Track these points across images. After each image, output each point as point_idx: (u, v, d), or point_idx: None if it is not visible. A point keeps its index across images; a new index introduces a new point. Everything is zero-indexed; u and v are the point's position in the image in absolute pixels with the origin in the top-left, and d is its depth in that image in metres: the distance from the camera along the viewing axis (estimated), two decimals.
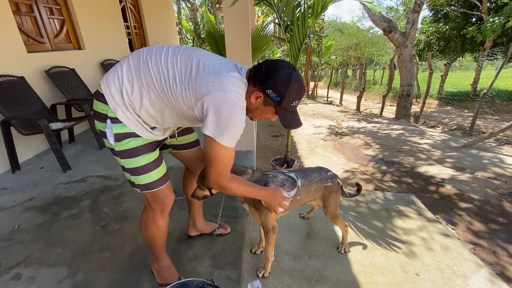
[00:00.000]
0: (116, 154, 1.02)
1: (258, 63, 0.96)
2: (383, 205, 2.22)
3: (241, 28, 2.32)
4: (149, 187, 1.06)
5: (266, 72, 0.91)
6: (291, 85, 0.91)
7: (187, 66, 0.92)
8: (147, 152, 1.03)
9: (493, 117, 7.70)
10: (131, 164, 1.02)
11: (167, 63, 0.92)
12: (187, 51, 0.96)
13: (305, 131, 4.88)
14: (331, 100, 11.09)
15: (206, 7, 9.80)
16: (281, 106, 0.95)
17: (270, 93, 0.91)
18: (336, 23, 22.64)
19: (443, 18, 12.00)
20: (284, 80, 0.90)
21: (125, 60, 0.97)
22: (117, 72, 0.96)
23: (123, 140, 0.98)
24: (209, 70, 0.90)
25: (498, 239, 1.93)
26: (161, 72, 0.92)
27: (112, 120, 0.96)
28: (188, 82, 0.90)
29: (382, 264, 1.56)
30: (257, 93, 0.94)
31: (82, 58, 3.66)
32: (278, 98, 0.92)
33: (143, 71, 0.93)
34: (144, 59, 0.94)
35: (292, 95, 0.93)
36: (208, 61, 0.93)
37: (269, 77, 0.90)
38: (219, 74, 0.89)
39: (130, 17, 5.23)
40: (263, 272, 1.43)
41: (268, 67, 0.92)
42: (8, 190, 2.20)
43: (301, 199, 1.39)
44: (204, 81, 0.88)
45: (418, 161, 3.30)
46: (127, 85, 0.94)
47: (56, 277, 1.35)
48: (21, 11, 2.89)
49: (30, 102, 2.68)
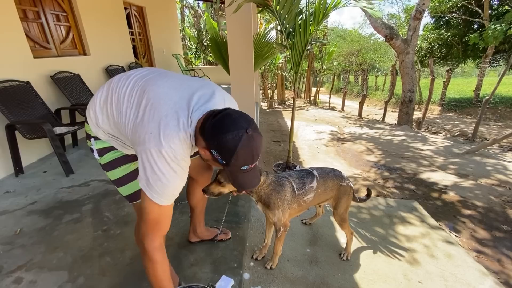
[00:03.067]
0: (102, 168, 1.09)
1: (211, 112, 0.84)
2: (386, 212, 2.21)
3: (243, 35, 2.34)
4: (134, 198, 1.08)
5: (212, 130, 0.79)
6: (238, 151, 0.78)
7: (137, 106, 0.88)
8: (127, 163, 1.08)
9: (496, 123, 7.66)
10: (114, 176, 1.07)
11: (124, 98, 0.93)
12: (144, 86, 0.91)
13: (307, 136, 4.88)
14: (333, 106, 11.10)
15: (209, 14, 9.93)
16: (229, 169, 0.84)
17: (215, 154, 0.81)
18: (338, 30, 22.83)
19: (445, 25, 12.07)
20: (230, 145, 0.77)
21: (101, 89, 1.03)
22: (94, 100, 1.02)
23: (105, 155, 1.06)
24: (153, 117, 0.83)
25: (503, 247, 1.90)
26: (119, 107, 0.93)
27: (95, 138, 1.06)
28: (133, 124, 0.87)
29: (385, 272, 1.54)
30: (203, 149, 0.85)
31: (87, 64, 3.72)
32: (223, 162, 0.82)
33: (109, 103, 0.97)
34: (111, 90, 0.98)
35: (240, 161, 0.80)
36: (158, 103, 0.85)
37: (214, 137, 0.79)
38: (160, 125, 0.82)
39: (134, 24, 5.32)
40: (271, 264, 1.48)
41: (215, 125, 0.79)
42: (11, 193, 2.22)
43: (321, 193, 1.43)
44: (144, 130, 0.83)
45: (420, 168, 3.29)
46: (97, 114, 1.00)
47: (57, 281, 1.35)
48: (28, 17, 2.96)
49: (35, 107, 2.71)
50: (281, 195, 1.31)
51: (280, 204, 1.31)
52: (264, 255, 1.57)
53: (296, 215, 1.52)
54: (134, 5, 5.28)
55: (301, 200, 1.38)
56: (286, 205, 1.33)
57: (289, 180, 1.35)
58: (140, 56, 5.68)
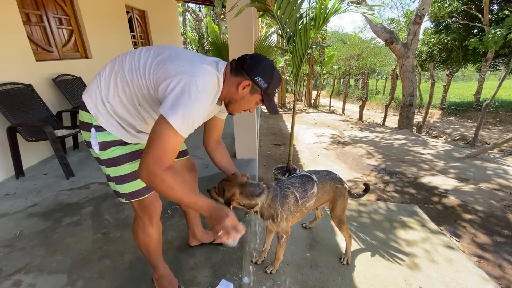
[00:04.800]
0: (102, 163, 1.02)
1: (238, 58, 0.99)
2: (386, 216, 2.20)
3: (244, 39, 2.36)
4: (134, 196, 1.06)
5: (252, 63, 0.96)
6: (275, 72, 0.98)
7: (160, 53, 0.93)
8: (132, 160, 1.03)
9: (497, 127, 7.65)
10: (117, 173, 1.02)
11: (139, 56, 0.94)
12: (160, 47, 0.97)
13: (307, 140, 4.88)
14: (334, 110, 11.12)
15: (210, 17, 10.00)
16: (267, 92, 1.00)
17: (258, 80, 0.95)
18: (338, 34, 22.94)
19: (445, 29, 12.13)
20: (270, 68, 0.97)
21: (103, 69, 1.00)
22: (96, 80, 0.99)
23: (108, 149, 0.99)
24: (182, 57, 0.91)
25: (504, 252, 1.89)
26: (133, 65, 0.93)
27: (96, 128, 0.97)
28: (158, 64, 0.89)
29: (385, 277, 1.53)
30: (245, 82, 0.96)
31: (88, 67, 3.74)
32: (266, 85, 0.97)
33: (119, 72, 0.94)
34: (119, 60, 0.97)
35: (276, 82, 1.00)
36: (183, 51, 0.96)
37: (257, 66, 0.95)
38: (192, 61, 0.90)
39: (136, 27, 5.36)
40: (271, 269, 1.48)
41: (253, 58, 0.97)
42: (12, 196, 2.22)
43: (320, 197, 1.43)
44: (174, 65, 0.87)
45: (421, 172, 3.28)
46: (105, 89, 0.96)
47: (56, 284, 1.35)
48: (31, 21, 2.98)
49: (36, 109, 2.73)
50: (285, 207, 1.31)
51: (284, 215, 1.31)
52: (264, 259, 1.57)
53: (297, 221, 1.52)
54: (136, 9, 5.32)
55: (304, 208, 1.38)
56: (289, 215, 1.33)
57: (292, 190, 1.34)
58: None
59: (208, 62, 0.94)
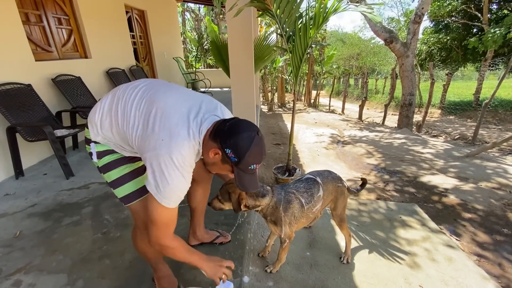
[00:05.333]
0: (100, 170, 1.10)
1: (222, 120, 0.94)
2: (386, 215, 2.20)
3: (244, 38, 2.36)
4: (128, 200, 1.09)
5: (228, 131, 0.88)
6: (251, 148, 0.88)
7: (146, 115, 0.92)
8: (122, 165, 1.09)
9: (497, 126, 7.66)
10: (109, 177, 1.09)
11: (132, 107, 0.96)
12: (153, 96, 0.95)
13: (307, 139, 4.89)
14: (333, 109, 11.12)
15: (209, 17, 10.00)
16: (239, 167, 0.92)
17: (228, 152, 0.88)
18: (338, 33, 22.94)
19: (444, 29, 12.13)
20: (245, 142, 0.87)
21: (104, 98, 1.06)
22: (96, 108, 1.04)
23: (104, 157, 1.08)
24: (164, 126, 0.89)
25: (503, 251, 1.89)
26: (126, 115, 0.96)
27: (94, 142, 1.07)
28: (142, 133, 0.92)
29: (385, 275, 1.54)
30: (215, 150, 0.91)
31: (88, 67, 3.74)
32: (235, 159, 0.89)
33: (114, 111, 0.99)
34: (118, 98, 1.00)
35: (251, 159, 0.90)
36: (168, 113, 0.91)
37: (231, 136, 0.87)
38: (171, 134, 0.88)
39: (136, 27, 5.36)
40: (272, 268, 1.49)
41: (231, 126, 0.89)
42: (11, 196, 2.22)
43: (326, 199, 1.42)
44: (154, 138, 0.88)
45: (420, 171, 3.28)
46: (100, 121, 1.02)
47: (56, 284, 1.35)
48: (31, 21, 2.98)
49: (36, 109, 2.72)
50: (288, 212, 1.29)
51: (287, 220, 1.30)
52: (268, 252, 1.59)
53: (303, 226, 1.51)
54: (136, 9, 5.32)
55: (310, 212, 1.36)
56: (293, 220, 1.31)
57: (297, 195, 1.32)
58: (141, 59, 5.70)
59: (192, 124, 0.91)
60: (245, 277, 1.43)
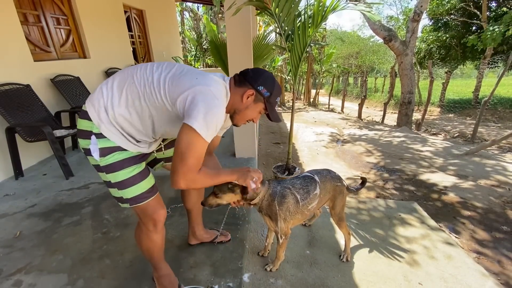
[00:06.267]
0: (101, 169, 1.03)
1: (240, 72, 1.08)
2: (385, 213, 2.21)
3: (243, 37, 2.36)
4: (136, 200, 1.07)
5: (254, 74, 1.04)
6: (275, 83, 1.07)
7: (171, 68, 1.00)
8: (132, 165, 1.05)
9: (496, 124, 7.67)
10: (117, 178, 1.03)
11: (152, 71, 0.98)
12: (171, 63, 1.04)
13: (306, 138, 4.89)
14: (333, 108, 11.12)
15: (208, 16, 9.98)
16: (269, 101, 1.06)
17: (261, 89, 1.03)
18: (337, 32, 22.92)
19: (443, 27, 12.13)
20: (270, 79, 1.05)
21: (109, 79, 1.03)
22: (101, 90, 1.00)
23: (108, 155, 1.00)
24: (192, 71, 1.00)
25: (503, 248, 1.90)
26: (145, 79, 0.97)
27: (96, 135, 0.99)
28: (172, 79, 0.95)
29: (385, 273, 1.54)
30: (249, 91, 1.03)
31: (87, 67, 3.73)
32: (268, 93, 1.05)
33: (128, 83, 0.97)
34: (129, 73, 1.00)
35: (276, 91, 1.07)
36: (191, 67, 1.04)
37: (258, 77, 1.04)
38: (203, 74, 1.00)
39: (134, 27, 5.35)
40: (271, 267, 1.49)
41: (255, 71, 1.06)
42: (11, 196, 2.22)
43: (322, 197, 1.42)
44: (188, 78, 0.95)
45: (420, 169, 3.29)
46: (110, 99, 0.97)
47: (56, 284, 1.35)
48: (29, 21, 2.97)
49: (35, 110, 2.72)
50: (283, 206, 1.30)
51: (282, 215, 1.30)
52: (268, 251, 1.59)
53: (299, 223, 1.52)
54: (134, 9, 5.31)
55: (305, 209, 1.36)
56: (288, 216, 1.32)
57: (292, 191, 1.32)
58: (140, 59, 5.70)
59: (217, 75, 1.04)
60: (245, 276, 1.44)
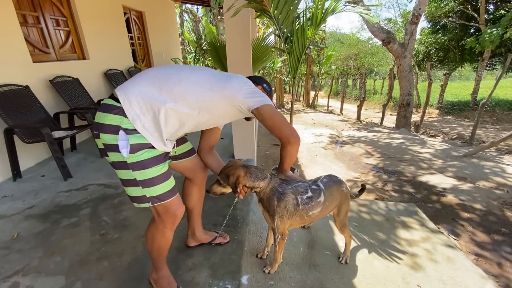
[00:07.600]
0: (126, 167, 0.99)
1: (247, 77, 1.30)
2: (385, 215, 2.21)
3: (242, 39, 2.36)
4: (161, 198, 1.07)
5: (257, 79, 1.37)
6: (268, 82, 1.40)
7: (212, 75, 1.14)
8: (160, 163, 1.06)
9: (494, 126, 7.70)
10: (146, 175, 1.01)
11: (197, 76, 1.10)
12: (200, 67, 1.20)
13: (305, 139, 4.89)
14: (332, 109, 11.14)
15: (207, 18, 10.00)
16: (270, 94, 1.38)
17: (265, 86, 1.36)
18: (336, 34, 22.99)
19: (442, 29, 12.18)
20: (267, 81, 1.40)
21: (148, 72, 1.06)
22: (139, 84, 1.01)
23: (138, 151, 0.98)
24: (230, 74, 1.21)
25: (502, 250, 1.90)
26: (194, 84, 1.07)
27: (126, 131, 0.96)
28: (223, 86, 1.10)
29: (384, 275, 1.54)
30: (259, 87, 1.33)
31: (86, 68, 3.73)
32: (269, 89, 1.38)
33: (173, 81, 1.04)
34: (175, 72, 1.07)
35: (270, 88, 1.40)
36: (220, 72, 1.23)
37: (260, 79, 1.38)
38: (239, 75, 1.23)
39: (134, 28, 5.35)
40: (269, 269, 1.48)
41: (256, 77, 1.38)
42: (9, 198, 2.21)
43: (328, 205, 1.39)
44: (234, 81, 1.14)
45: (419, 171, 3.29)
46: (155, 95, 1.00)
47: (54, 286, 1.34)
48: (28, 22, 2.97)
49: (33, 111, 2.72)
50: (282, 204, 1.29)
51: (280, 212, 1.29)
52: (267, 253, 1.59)
53: (298, 226, 1.50)
54: (134, 10, 5.32)
55: (305, 214, 1.35)
56: (286, 214, 1.31)
57: (294, 192, 1.31)
58: (139, 60, 5.70)
59: None
60: (244, 278, 1.43)
